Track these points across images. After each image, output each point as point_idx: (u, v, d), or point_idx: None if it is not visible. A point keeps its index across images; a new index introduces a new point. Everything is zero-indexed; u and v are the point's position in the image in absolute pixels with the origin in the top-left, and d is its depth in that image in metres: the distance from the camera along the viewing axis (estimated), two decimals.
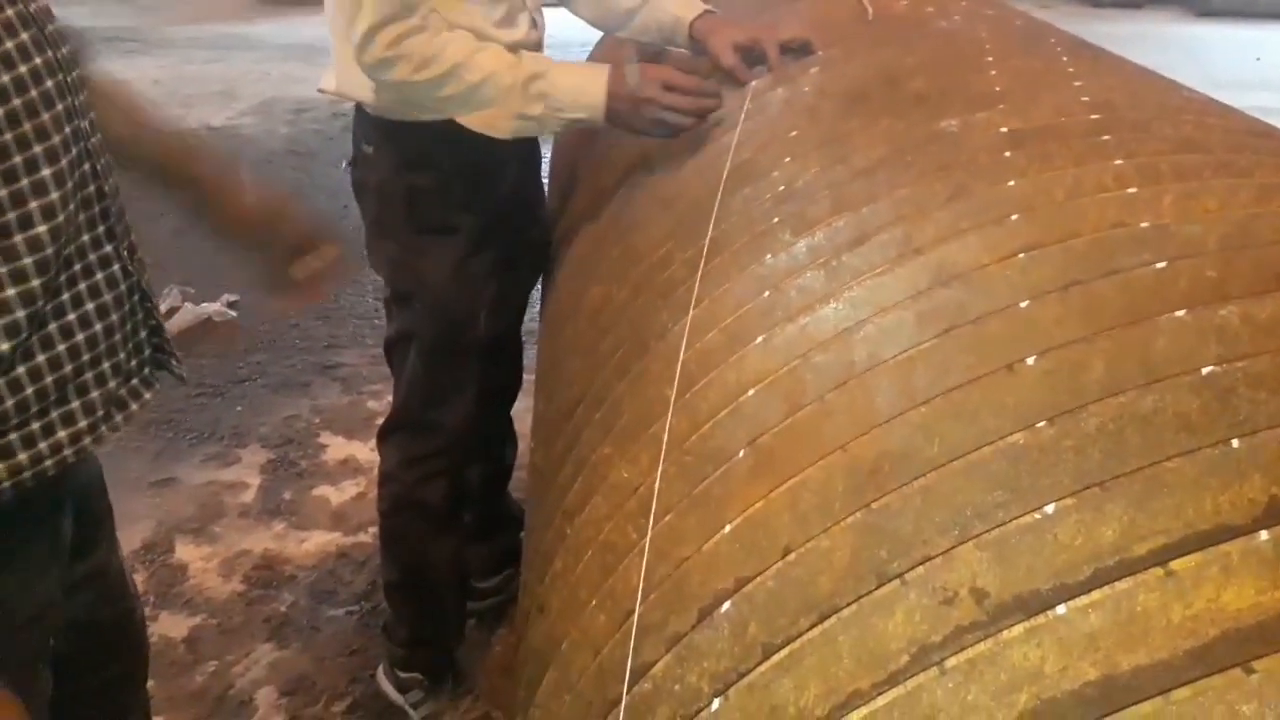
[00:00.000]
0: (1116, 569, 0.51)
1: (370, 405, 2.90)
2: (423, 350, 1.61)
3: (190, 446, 2.72)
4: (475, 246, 1.56)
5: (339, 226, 1.31)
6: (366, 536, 2.35)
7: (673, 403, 0.85)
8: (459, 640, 1.95)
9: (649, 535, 0.74)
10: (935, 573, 0.56)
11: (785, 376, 0.78)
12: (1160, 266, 0.69)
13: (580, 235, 1.57)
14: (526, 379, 1.91)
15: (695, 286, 0.98)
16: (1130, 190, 0.81)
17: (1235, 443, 0.54)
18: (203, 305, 3.29)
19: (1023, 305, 0.70)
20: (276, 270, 1.20)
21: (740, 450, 0.75)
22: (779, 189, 1.06)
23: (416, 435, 1.68)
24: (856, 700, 0.53)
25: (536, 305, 1.88)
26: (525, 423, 1.64)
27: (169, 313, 3.18)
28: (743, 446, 0.75)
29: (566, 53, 1.62)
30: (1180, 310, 0.64)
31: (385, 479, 1.75)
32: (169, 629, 2.09)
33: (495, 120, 1.39)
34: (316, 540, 2.37)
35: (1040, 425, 0.60)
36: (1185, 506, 0.52)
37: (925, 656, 0.53)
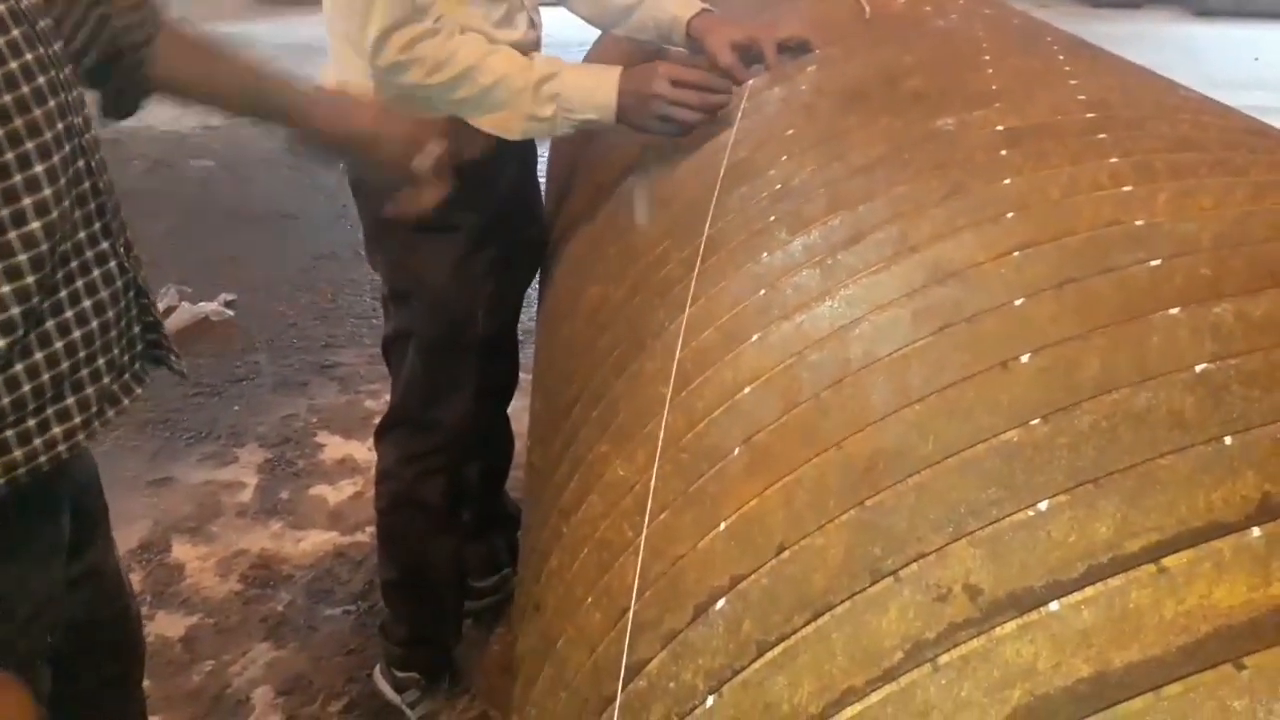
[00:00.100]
0: (1109, 566, 0.51)
1: (368, 405, 2.90)
2: (421, 348, 1.62)
3: (187, 446, 2.72)
4: (474, 245, 1.56)
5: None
6: (364, 536, 2.35)
7: (669, 401, 0.85)
8: (456, 639, 1.95)
9: (644, 533, 0.74)
10: (929, 569, 0.56)
11: (781, 374, 0.78)
12: (1155, 264, 0.69)
13: (578, 234, 1.57)
14: (524, 378, 1.91)
15: (692, 285, 0.98)
16: (1125, 188, 0.81)
17: (1228, 440, 0.54)
18: (200, 305, 3.29)
19: (1017, 303, 0.71)
20: (401, 169, 1.16)
21: (736, 448, 0.75)
22: (775, 187, 1.06)
23: (415, 433, 1.68)
24: (850, 697, 0.53)
25: (534, 305, 1.88)
26: (523, 422, 1.65)
27: (166, 312, 3.18)
28: (738, 444, 0.75)
29: (566, 52, 1.62)
30: (1174, 308, 0.64)
31: (383, 477, 1.75)
32: (166, 628, 2.09)
33: (507, 122, 1.39)
34: (313, 540, 2.37)
35: (1034, 422, 0.60)
36: (1178, 503, 0.52)
37: (919, 653, 0.53)
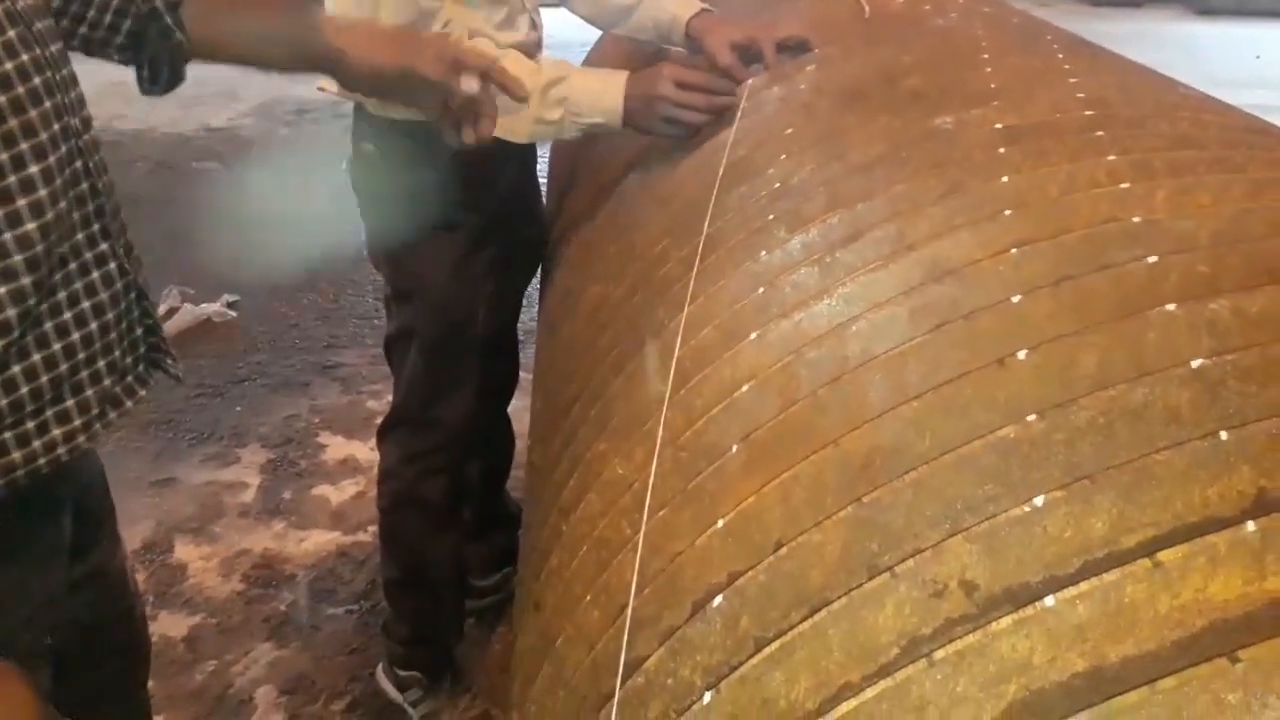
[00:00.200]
0: (1105, 561, 0.51)
1: (370, 405, 2.90)
2: (423, 347, 1.62)
3: (190, 446, 2.72)
4: (475, 244, 1.57)
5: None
6: (366, 536, 2.36)
7: (667, 399, 0.85)
8: (458, 638, 1.95)
9: (643, 530, 0.74)
10: (925, 565, 0.56)
11: (779, 372, 0.79)
12: (1152, 261, 0.69)
13: (578, 234, 1.58)
14: (524, 378, 1.92)
15: (690, 283, 0.98)
16: (1123, 186, 0.81)
17: (1224, 435, 0.54)
18: (202, 305, 3.29)
19: (1014, 300, 0.71)
20: (449, 92, 1.13)
21: (734, 445, 0.75)
22: (774, 186, 1.06)
23: (417, 431, 1.69)
24: (847, 692, 0.54)
25: (534, 305, 1.89)
26: (523, 421, 1.65)
27: (168, 313, 3.18)
28: (736, 442, 0.75)
29: (566, 52, 1.62)
30: (1171, 304, 0.64)
31: (385, 476, 1.76)
32: (169, 628, 2.10)
33: (514, 125, 1.39)
34: (316, 540, 2.37)
35: (1031, 419, 0.60)
36: (1174, 498, 0.52)
37: (915, 649, 0.53)
